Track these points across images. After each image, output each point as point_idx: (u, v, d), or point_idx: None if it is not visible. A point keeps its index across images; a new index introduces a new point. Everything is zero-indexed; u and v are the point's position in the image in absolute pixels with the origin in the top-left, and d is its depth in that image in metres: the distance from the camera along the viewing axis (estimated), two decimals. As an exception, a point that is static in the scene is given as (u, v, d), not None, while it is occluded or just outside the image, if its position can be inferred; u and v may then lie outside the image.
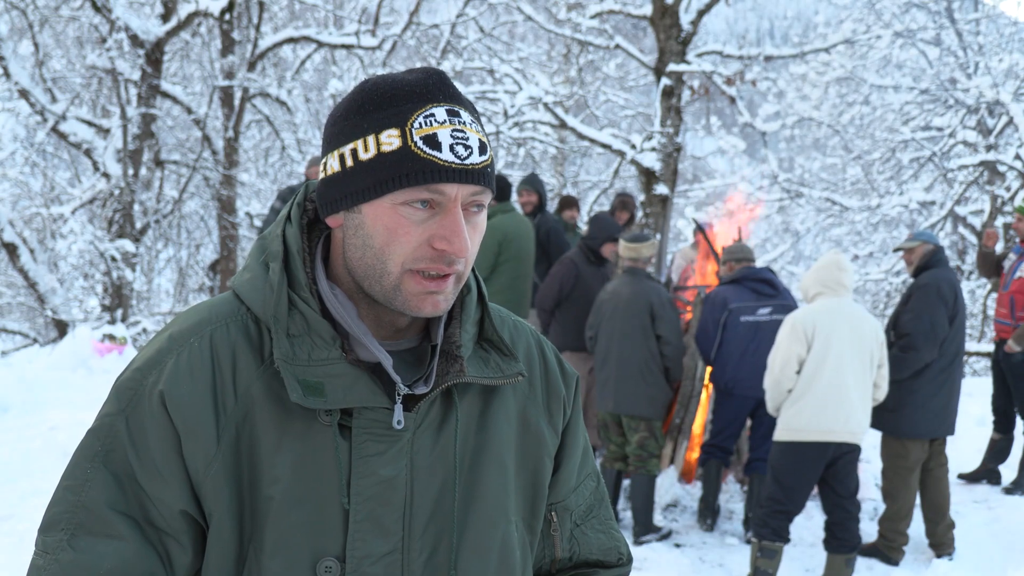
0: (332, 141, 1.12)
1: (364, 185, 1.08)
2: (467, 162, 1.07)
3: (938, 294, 5.04)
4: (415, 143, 1.06)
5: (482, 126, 1.13)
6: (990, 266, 6.35)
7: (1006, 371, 5.96)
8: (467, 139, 1.08)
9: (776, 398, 4.51)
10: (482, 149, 1.09)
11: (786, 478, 4.48)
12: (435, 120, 1.07)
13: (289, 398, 1.07)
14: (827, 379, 4.34)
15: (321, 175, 1.14)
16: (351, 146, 1.09)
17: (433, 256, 1.08)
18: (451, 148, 1.06)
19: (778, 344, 4.52)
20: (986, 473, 6.28)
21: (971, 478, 6.30)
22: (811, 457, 4.42)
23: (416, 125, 1.07)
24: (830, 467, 4.47)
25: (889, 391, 5.16)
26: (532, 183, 7.22)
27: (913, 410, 5.09)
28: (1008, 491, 6.04)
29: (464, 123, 1.09)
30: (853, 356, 4.39)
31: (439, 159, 1.06)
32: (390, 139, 1.07)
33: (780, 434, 4.50)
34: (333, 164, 1.11)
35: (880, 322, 6.92)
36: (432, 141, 1.06)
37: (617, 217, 7.59)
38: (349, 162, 1.09)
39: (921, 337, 5.01)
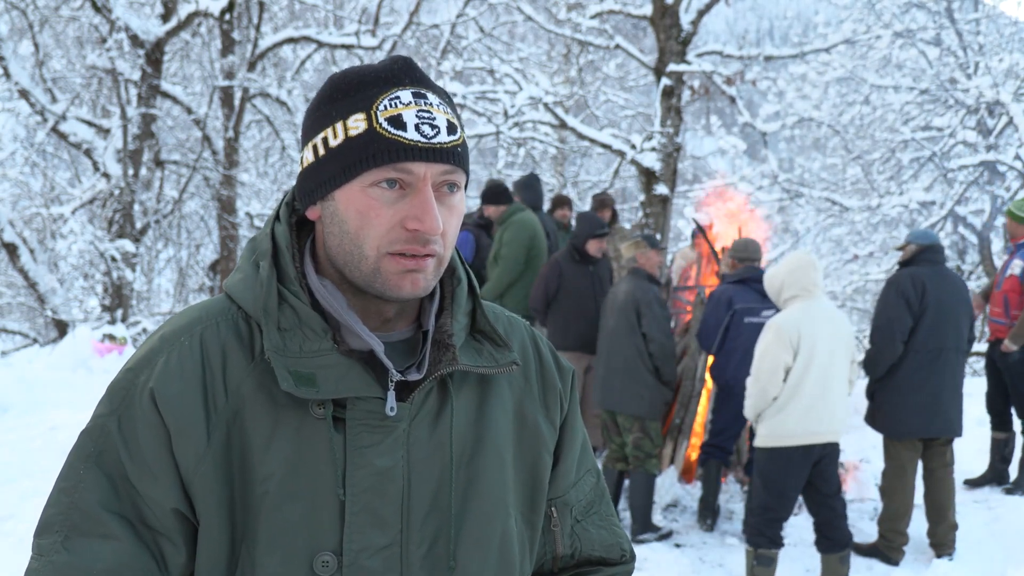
0: (307, 134, 1.14)
1: (334, 171, 1.09)
2: (434, 141, 1.08)
3: (897, 291, 5.04)
4: (380, 124, 1.07)
5: (453, 108, 1.14)
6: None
7: (1003, 370, 5.95)
8: (434, 119, 1.09)
9: (759, 405, 4.48)
10: (451, 129, 1.09)
11: (776, 484, 4.48)
12: (400, 102, 1.08)
13: (281, 393, 1.07)
14: (812, 385, 4.34)
15: (299, 169, 1.15)
16: (322, 135, 1.11)
17: (407, 237, 1.08)
18: (416, 127, 1.07)
19: (764, 351, 4.46)
20: (995, 475, 6.24)
21: (978, 483, 6.26)
22: (798, 461, 4.43)
23: (381, 107, 1.08)
24: (815, 467, 4.49)
25: (874, 390, 5.20)
26: (517, 190, 7.15)
27: (893, 408, 5.09)
28: (1009, 491, 6.03)
29: (431, 104, 1.10)
30: (835, 358, 4.39)
31: (404, 138, 1.06)
32: (356, 123, 1.08)
33: (766, 440, 4.48)
34: (308, 156, 1.13)
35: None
36: (397, 121, 1.07)
37: (600, 216, 7.60)
38: (321, 151, 1.10)
39: (877, 334, 5.07)
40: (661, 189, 9.76)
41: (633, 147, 9.98)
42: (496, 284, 6.35)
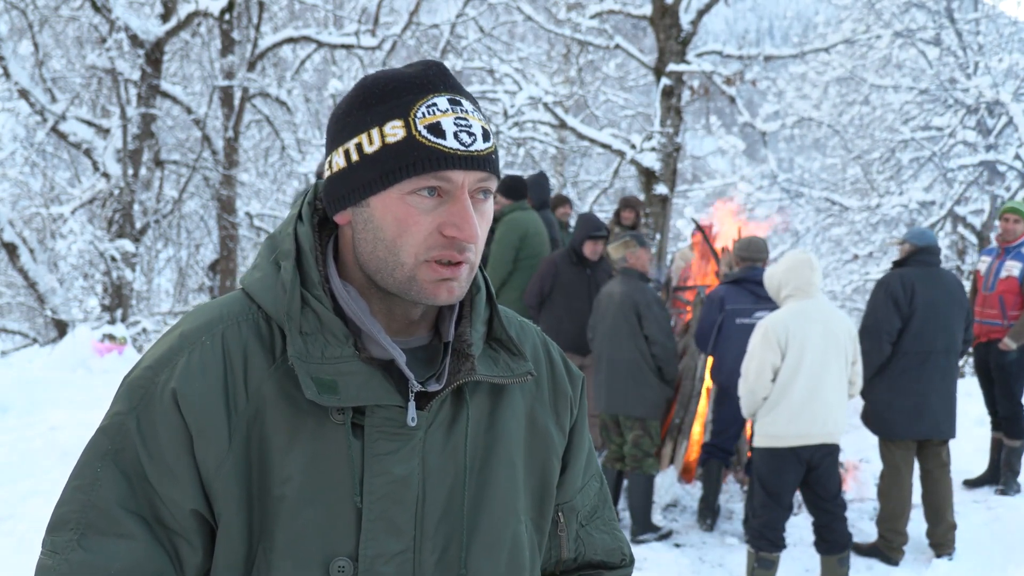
0: (336, 138, 1.12)
1: (371, 178, 1.08)
2: (472, 149, 1.07)
3: (886, 292, 5.02)
4: (419, 132, 1.06)
5: (483, 115, 1.13)
6: None
7: (995, 369, 5.94)
8: (470, 126, 1.08)
9: (751, 405, 4.47)
10: (485, 136, 1.09)
11: (770, 485, 4.48)
12: (438, 109, 1.08)
13: (301, 397, 1.07)
14: (802, 385, 4.31)
15: (327, 173, 1.14)
16: (356, 140, 1.09)
17: (444, 244, 1.08)
18: (455, 135, 1.07)
19: (751, 352, 4.44)
20: (994, 476, 6.22)
21: (977, 483, 6.25)
22: (790, 462, 4.41)
23: (419, 115, 1.07)
24: (812, 471, 4.46)
25: (864, 390, 5.17)
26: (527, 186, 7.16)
27: (883, 410, 5.10)
28: (1002, 492, 6.03)
29: (466, 111, 1.09)
30: (828, 358, 4.35)
31: (444, 146, 1.06)
32: (394, 130, 1.07)
33: (759, 441, 4.49)
34: (338, 160, 1.11)
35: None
36: (436, 129, 1.06)
37: (623, 218, 7.62)
38: (354, 156, 1.09)
39: (865, 335, 5.04)
40: (661, 189, 9.77)
41: (633, 147, 9.98)
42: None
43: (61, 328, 11.34)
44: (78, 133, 11.55)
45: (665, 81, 9.93)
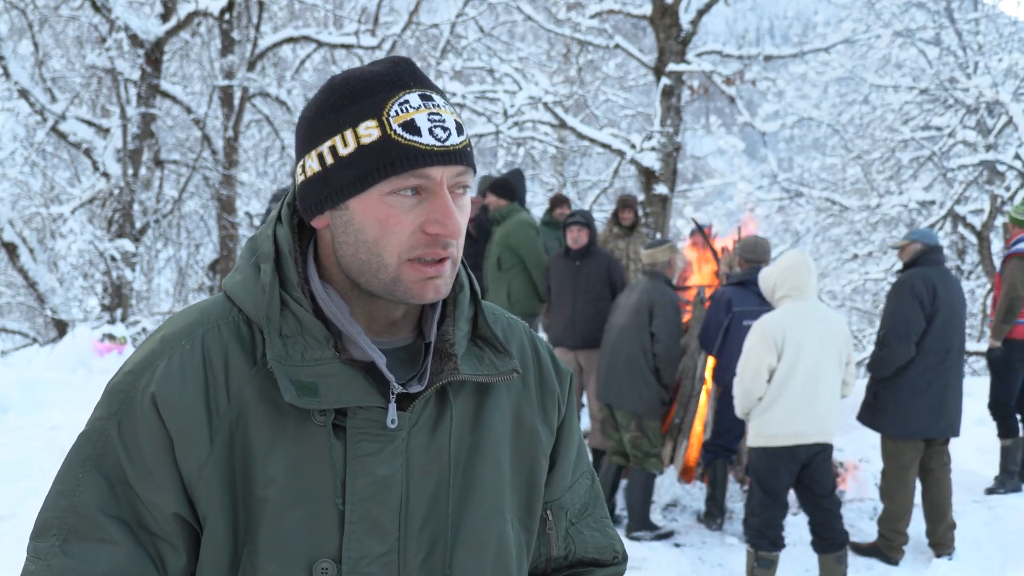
0: (308, 142, 1.11)
1: (348, 180, 1.07)
2: (448, 144, 1.07)
3: (912, 292, 5.03)
4: (395, 131, 1.05)
5: (453, 107, 1.13)
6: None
7: (988, 365, 5.99)
8: (444, 121, 1.07)
9: (746, 405, 4.49)
10: (459, 130, 1.09)
11: (767, 483, 4.50)
12: (410, 106, 1.07)
13: (282, 399, 1.06)
14: (798, 386, 4.33)
15: (300, 178, 1.12)
16: (329, 143, 1.08)
17: (428, 241, 1.07)
18: (431, 131, 1.06)
19: (748, 352, 4.45)
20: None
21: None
22: (785, 461, 4.44)
23: (392, 113, 1.06)
24: (805, 468, 4.48)
25: (877, 390, 5.18)
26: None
27: (898, 409, 5.09)
28: (991, 491, 6.04)
29: (438, 106, 1.09)
30: (823, 359, 4.36)
31: (421, 144, 1.05)
32: (368, 130, 1.06)
33: (754, 440, 4.51)
34: (312, 165, 1.10)
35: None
36: (411, 127, 1.06)
37: (622, 218, 7.69)
38: (329, 160, 1.08)
39: (893, 335, 5.04)
40: (661, 189, 9.77)
41: (633, 147, 9.98)
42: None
43: (61, 328, 11.33)
44: (78, 133, 11.54)
45: (665, 81, 9.93)
